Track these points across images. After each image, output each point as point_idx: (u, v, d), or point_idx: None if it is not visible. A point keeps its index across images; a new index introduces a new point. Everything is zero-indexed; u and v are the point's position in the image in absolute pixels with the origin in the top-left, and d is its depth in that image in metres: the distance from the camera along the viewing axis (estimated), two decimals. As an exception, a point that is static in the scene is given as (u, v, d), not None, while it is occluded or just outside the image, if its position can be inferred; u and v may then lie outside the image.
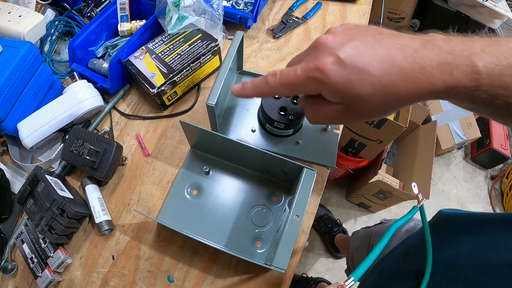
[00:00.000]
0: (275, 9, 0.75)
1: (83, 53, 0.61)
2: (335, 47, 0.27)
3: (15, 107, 0.51)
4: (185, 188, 0.51)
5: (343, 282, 0.25)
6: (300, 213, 0.41)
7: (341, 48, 0.26)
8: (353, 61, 0.26)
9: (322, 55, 0.27)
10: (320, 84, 0.27)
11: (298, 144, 0.52)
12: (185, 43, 0.57)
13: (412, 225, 0.59)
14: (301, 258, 1.24)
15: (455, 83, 0.24)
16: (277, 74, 0.30)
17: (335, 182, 1.42)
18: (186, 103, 0.61)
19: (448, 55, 0.24)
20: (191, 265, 0.47)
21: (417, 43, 0.25)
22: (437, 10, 1.43)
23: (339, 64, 0.26)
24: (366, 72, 0.25)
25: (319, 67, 0.27)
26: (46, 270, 0.45)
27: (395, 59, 0.25)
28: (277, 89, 0.31)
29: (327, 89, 0.27)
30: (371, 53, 0.26)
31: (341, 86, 0.26)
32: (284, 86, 0.30)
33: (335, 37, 0.28)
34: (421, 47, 0.25)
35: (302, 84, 0.29)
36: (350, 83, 0.26)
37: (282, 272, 0.38)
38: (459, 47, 0.24)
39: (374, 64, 0.25)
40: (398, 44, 0.25)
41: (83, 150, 0.51)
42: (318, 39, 0.28)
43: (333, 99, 0.28)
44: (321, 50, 0.27)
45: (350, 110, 0.28)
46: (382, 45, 0.26)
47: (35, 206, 0.47)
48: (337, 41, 0.27)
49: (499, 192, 1.50)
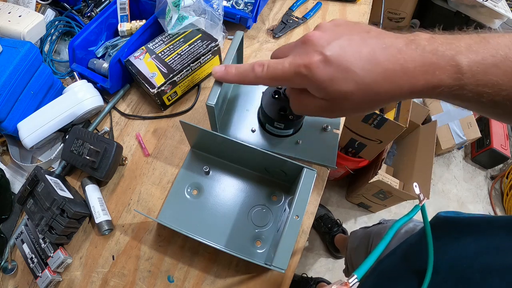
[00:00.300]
0: (275, 9, 0.75)
1: (83, 53, 0.61)
2: (322, 45, 0.27)
3: (15, 107, 0.51)
4: (185, 188, 0.51)
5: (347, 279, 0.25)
6: (300, 213, 0.41)
7: (327, 46, 0.27)
8: (338, 59, 0.26)
9: (310, 51, 0.28)
10: (306, 80, 0.28)
11: (298, 144, 0.52)
12: (185, 43, 0.57)
13: (411, 226, 0.59)
14: (301, 258, 1.24)
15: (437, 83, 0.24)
16: (265, 65, 0.31)
17: (335, 182, 1.42)
18: (186, 103, 0.61)
19: (431, 55, 0.24)
20: (191, 265, 0.47)
21: (402, 42, 0.26)
22: (437, 10, 1.43)
23: (325, 62, 0.27)
24: (350, 71, 0.26)
25: (306, 63, 0.27)
26: (46, 270, 0.45)
27: (379, 60, 0.25)
28: (262, 80, 0.32)
29: (312, 85, 0.28)
30: (356, 52, 0.26)
31: (326, 84, 0.27)
32: (270, 79, 0.31)
33: (323, 33, 0.28)
34: (405, 47, 0.25)
35: (288, 78, 0.29)
36: (334, 81, 0.27)
37: (282, 272, 0.38)
38: (443, 47, 0.24)
39: (359, 64, 0.26)
40: (383, 44, 0.26)
41: (83, 150, 0.51)
42: (307, 34, 0.29)
43: (317, 94, 0.29)
44: (308, 46, 0.28)
45: (333, 105, 0.29)
46: (368, 45, 0.26)
47: (35, 206, 0.47)
48: (324, 39, 0.28)
49: (499, 192, 1.50)
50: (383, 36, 0.27)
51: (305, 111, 0.33)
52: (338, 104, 0.29)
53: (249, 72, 0.33)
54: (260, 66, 0.32)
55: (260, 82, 0.32)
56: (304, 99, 0.31)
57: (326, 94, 0.28)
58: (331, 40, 0.27)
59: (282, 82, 0.31)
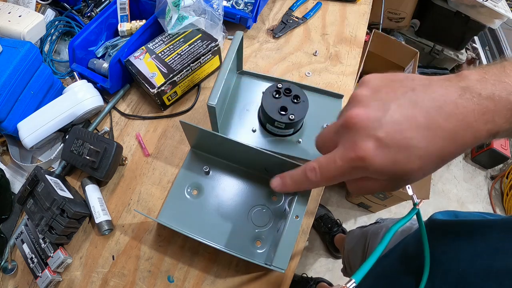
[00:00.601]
0: (275, 9, 0.75)
1: (83, 53, 0.61)
2: (372, 127, 0.24)
3: (15, 107, 0.51)
4: (185, 188, 0.51)
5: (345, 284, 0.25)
6: (300, 213, 0.41)
7: (379, 127, 0.24)
8: (395, 139, 0.23)
9: (360, 139, 0.24)
10: (366, 171, 0.25)
11: (298, 144, 0.52)
12: (185, 43, 0.57)
13: (408, 225, 0.59)
14: (301, 258, 1.24)
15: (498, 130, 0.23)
16: (317, 169, 0.28)
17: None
18: (186, 103, 0.61)
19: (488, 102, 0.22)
20: (191, 265, 0.47)
21: (455, 94, 0.23)
22: (437, 10, 1.43)
23: (382, 147, 0.24)
24: (411, 147, 0.23)
25: (360, 155, 0.24)
26: (46, 270, 0.45)
27: (438, 123, 0.23)
28: (320, 183, 0.29)
29: (374, 173, 0.25)
30: (411, 123, 0.23)
31: (388, 168, 0.24)
32: (327, 180, 0.28)
33: (367, 110, 0.25)
34: (459, 98, 0.23)
35: (346, 174, 0.27)
36: (396, 164, 0.24)
37: (282, 272, 0.38)
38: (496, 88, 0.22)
39: (418, 136, 0.23)
40: (435, 100, 0.23)
41: (83, 150, 0.51)
42: (349, 116, 0.25)
43: (381, 178, 0.26)
44: (356, 132, 0.25)
45: (397, 181, 0.26)
46: (420, 108, 0.23)
47: (35, 206, 0.47)
48: (371, 117, 0.24)
49: (499, 192, 1.50)
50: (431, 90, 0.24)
51: (366, 192, 0.30)
52: (403, 180, 0.26)
53: (304, 179, 0.30)
54: (312, 171, 0.29)
55: (319, 185, 0.30)
56: (365, 183, 0.28)
57: (389, 177, 0.25)
58: (380, 117, 0.24)
59: (341, 179, 0.28)
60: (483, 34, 1.67)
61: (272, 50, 0.68)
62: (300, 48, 0.68)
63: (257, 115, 0.54)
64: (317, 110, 0.54)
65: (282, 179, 0.33)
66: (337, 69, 0.66)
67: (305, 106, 0.49)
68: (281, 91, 0.50)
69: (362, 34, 0.72)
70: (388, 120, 0.24)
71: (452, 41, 1.53)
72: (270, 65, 0.66)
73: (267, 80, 0.58)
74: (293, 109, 0.48)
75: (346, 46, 0.69)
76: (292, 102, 0.49)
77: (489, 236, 0.33)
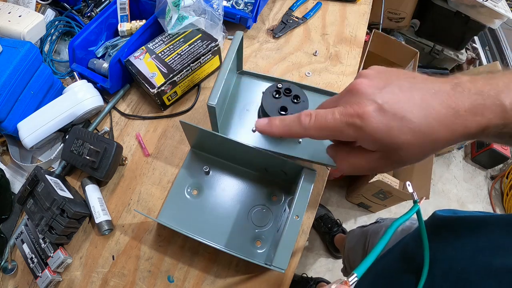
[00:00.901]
0: (275, 9, 0.75)
1: (83, 53, 0.61)
2: (373, 93, 0.26)
3: (15, 107, 0.51)
4: (185, 188, 0.51)
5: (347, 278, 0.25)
6: (300, 213, 0.41)
7: (379, 94, 0.26)
8: (393, 107, 0.25)
9: (361, 101, 0.26)
10: (360, 131, 0.26)
11: (298, 144, 0.52)
12: (185, 43, 0.57)
13: (408, 224, 0.59)
14: (301, 258, 1.24)
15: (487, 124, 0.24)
16: (313, 115, 0.29)
17: (335, 182, 1.42)
18: (186, 103, 0.61)
19: (477, 97, 0.24)
20: (191, 265, 0.47)
21: (448, 86, 0.25)
22: (437, 10, 1.43)
23: (379, 111, 0.25)
24: (406, 119, 0.25)
25: (359, 113, 0.26)
26: (46, 270, 0.45)
27: (432, 105, 0.25)
28: (310, 130, 0.29)
29: (367, 136, 0.26)
30: (409, 98, 0.25)
31: (381, 134, 0.25)
32: (319, 129, 0.28)
33: (371, 81, 0.27)
34: (452, 91, 0.25)
35: (339, 129, 0.27)
36: (390, 131, 0.25)
37: (282, 272, 0.38)
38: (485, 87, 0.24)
39: (413, 111, 0.25)
40: (432, 88, 0.26)
41: (83, 150, 0.51)
42: (354, 83, 0.28)
43: (371, 147, 0.27)
44: (359, 95, 0.27)
45: (387, 158, 0.27)
46: (418, 90, 0.26)
47: (35, 206, 0.47)
48: (374, 86, 0.26)
49: (499, 192, 1.50)
50: (430, 81, 0.26)
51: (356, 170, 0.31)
52: (393, 155, 0.27)
53: (296, 123, 0.30)
54: (307, 116, 0.29)
55: (308, 133, 0.29)
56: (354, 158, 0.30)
57: (380, 146, 0.27)
58: (382, 87, 0.26)
59: (332, 133, 0.28)
60: (483, 34, 1.67)
61: (272, 50, 0.68)
62: (300, 48, 0.68)
63: (257, 115, 0.54)
64: (317, 110, 0.54)
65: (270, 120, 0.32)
66: (337, 69, 0.66)
67: (305, 106, 0.49)
68: (281, 91, 0.50)
69: (362, 34, 0.72)
70: (388, 91, 0.26)
71: (452, 41, 1.53)
72: (270, 65, 0.66)
73: (267, 80, 0.58)
74: (293, 109, 0.48)
75: (346, 46, 0.69)
76: (292, 102, 0.49)
77: (489, 233, 0.33)
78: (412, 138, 0.25)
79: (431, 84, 0.26)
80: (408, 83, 0.26)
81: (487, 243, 0.32)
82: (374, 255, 0.28)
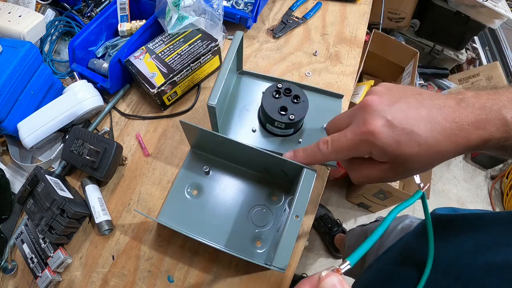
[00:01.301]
0: (275, 9, 0.75)
1: (83, 53, 0.61)
2: (383, 110, 0.28)
3: (15, 107, 0.51)
4: (185, 188, 0.51)
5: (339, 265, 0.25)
6: (300, 213, 0.41)
7: (388, 111, 0.28)
8: (401, 123, 0.27)
9: (372, 117, 0.29)
10: (372, 146, 0.29)
11: (299, 144, 0.52)
12: (185, 43, 0.57)
13: (407, 223, 0.59)
14: (301, 258, 1.24)
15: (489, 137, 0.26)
16: (329, 141, 0.32)
17: (335, 182, 1.42)
18: (186, 103, 0.61)
19: (481, 111, 0.26)
20: (191, 265, 0.47)
21: (453, 102, 0.27)
22: (437, 10, 1.43)
23: (389, 126, 0.28)
24: (413, 133, 0.27)
25: (370, 130, 0.28)
26: (46, 270, 0.45)
27: (437, 120, 0.27)
28: (330, 156, 0.33)
29: (378, 149, 0.29)
30: (416, 114, 0.28)
31: (392, 147, 0.28)
32: (337, 152, 0.32)
33: (381, 98, 0.29)
34: (456, 106, 0.27)
35: (354, 148, 0.30)
36: (399, 144, 0.28)
37: (282, 272, 0.38)
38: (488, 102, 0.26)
39: (420, 125, 0.27)
40: (437, 104, 0.28)
41: (83, 150, 0.51)
42: (365, 100, 0.30)
43: (382, 158, 0.30)
44: (369, 113, 0.29)
45: (397, 168, 0.30)
46: (425, 106, 0.28)
47: (35, 206, 0.47)
48: (384, 103, 0.29)
49: (499, 192, 1.50)
50: (435, 97, 0.29)
51: (368, 180, 0.33)
52: (402, 166, 0.29)
53: (316, 151, 0.34)
54: (324, 143, 0.33)
55: (328, 158, 0.33)
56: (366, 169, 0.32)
57: (390, 157, 0.29)
58: (391, 104, 0.29)
59: (349, 153, 0.31)
60: (483, 34, 1.67)
61: (272, 50, 0.68)
62: (300, 48, 0.68)
63: (257, 115, 0.54)
64: (317, 110, 0.54)
65: (295, 153, 0.37)
66: (337, 69, 0.66)
67: (305, 106, 0.49)
68: (281, 91, 0.50)
69: (362, 34, 0.72)
70: (397, 108, 0.28)
71: (452, 41, 1.53)
72: (270, 65, 0.66)
73: (267, 80, 0.58)
74: (293, 109, 0.48)
75: (346, 46, 0.69)
76: (292, 102, 0.49)
77: (489, 230, 0.34)
78: (419, 150, 0.27)
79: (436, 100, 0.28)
80: (415, 100, 0.29)
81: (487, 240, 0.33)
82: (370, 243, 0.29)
